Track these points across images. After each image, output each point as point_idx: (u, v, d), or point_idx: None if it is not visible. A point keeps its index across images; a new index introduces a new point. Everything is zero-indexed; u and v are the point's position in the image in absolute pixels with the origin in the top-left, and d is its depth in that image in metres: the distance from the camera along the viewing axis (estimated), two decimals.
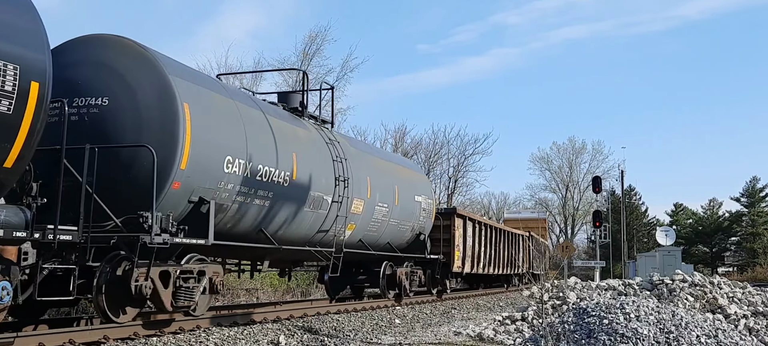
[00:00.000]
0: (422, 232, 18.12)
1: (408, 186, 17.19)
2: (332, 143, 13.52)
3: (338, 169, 13.27)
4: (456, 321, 14.47)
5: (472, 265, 22.57)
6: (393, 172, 16.71)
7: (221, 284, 10.27)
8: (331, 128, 14.77)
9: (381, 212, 15.36)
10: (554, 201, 74.20)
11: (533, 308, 14.08)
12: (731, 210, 67.83)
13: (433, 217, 18.90)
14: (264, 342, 9.51)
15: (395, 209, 16.12)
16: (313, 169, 12.39)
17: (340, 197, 13.26)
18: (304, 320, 12.18)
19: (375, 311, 14.66)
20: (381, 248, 16.18)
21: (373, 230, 15.33)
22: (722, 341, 8.86)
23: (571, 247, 27.63)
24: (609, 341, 8.70)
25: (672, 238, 43.23)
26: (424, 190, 18.58)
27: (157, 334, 9.15)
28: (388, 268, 16.83)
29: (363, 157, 15.20)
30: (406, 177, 17.53)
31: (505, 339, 11.35)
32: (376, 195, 15.09)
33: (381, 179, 15.52)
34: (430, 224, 18.74)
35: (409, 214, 17.12)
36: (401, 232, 16.96)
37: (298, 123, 13.03)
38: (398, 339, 10.92)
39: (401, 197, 16.46)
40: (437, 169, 48.14)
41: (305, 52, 35.70)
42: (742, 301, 14.53)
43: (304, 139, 12.70)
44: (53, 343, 7.95)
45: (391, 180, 16.18)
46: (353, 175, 13.88)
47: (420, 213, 17.83)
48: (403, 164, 18.95)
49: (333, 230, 13.26)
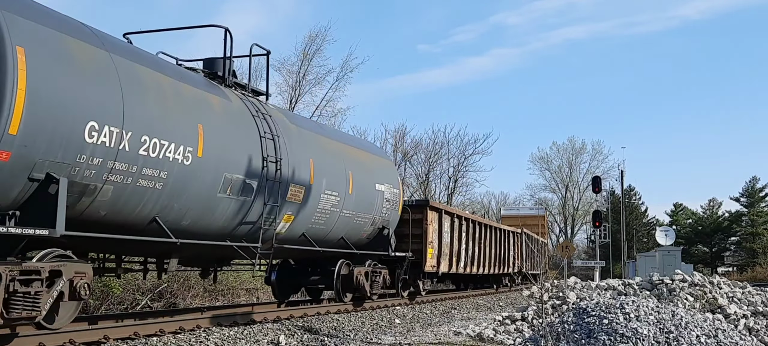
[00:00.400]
0: (386, 226, 15.77)
1: (366, 172, 14.77)
2: (262, 117, 11.19)
3: (268, 148, 10.95)
4: (456, 321, 14.47)
5: (451, 264, 20.18)
6: (346, 155, 14.13)
7: (86, 287, 7.96)
8: (266, 101, 12.60)
9: (329, 201, 13.00)
10: (554, 201, 74.24)
11: (533, 308, 14.09)
12: (731, 210, 68.00)
13: (399, 209, 16.51)
14: (264, 342, 9.52)
15: (349, 199, 13.73)
16: (228, 146, 10.00)
17: (271, 181, 10.94)
18: (304, 320, 12.18)
19: (375, 311, 14.66)
20: (334, 244, 13.97)
21: (320, 222, 13.01)
22: (722, 340, 8.87)
23: (571, 247, 27.53)
24: (609, 340, 8.70)
25: (672, 238, 43.28)
26: (387, 177, 16.01)
27: (158, 334, 9.16)
28: (344, 267, 14.59)
29: (305, 135, 12.80)
30: (363, 162, 14.97)
31: (505, 339, 11.36)
32: (322, 181, 12.72)
33: (329, 163, 13.16)
34: (395, 217, 16.37)
35: (369, 205, 14.72)
36: (358, 226, 14.60)
37: (212, 90, 10.45)
38: (398, 339, 10.93)
39: (357, 184, 14.06)
40: (437, 170, 48.22)
41: (305, 53, 35.75)
42: (742, 301, 14.54)
43: (219, 109, 10.16)
44: (53, 343, 7.95)
45: (344, 164, 13.72)
46: (290, 156, 11.66)
47: (382, 204, 15.36)
48: (361, 147, 16.03)
49: (262, 222, 11.06)
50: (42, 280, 7.44)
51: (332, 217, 13.31)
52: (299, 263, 15.36)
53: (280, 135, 11.46)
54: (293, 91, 35.76)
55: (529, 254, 32.69)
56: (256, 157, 10.70)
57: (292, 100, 35.54)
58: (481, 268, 23.87)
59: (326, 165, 12.99)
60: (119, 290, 16.04)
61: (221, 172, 9.78)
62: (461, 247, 21.17)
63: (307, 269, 15.24)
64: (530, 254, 33.23)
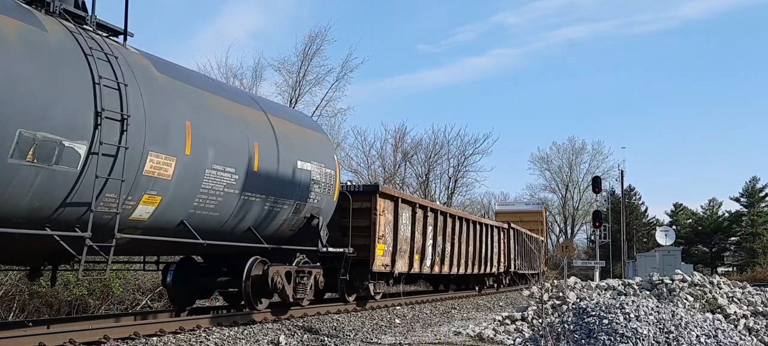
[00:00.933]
0: (316, 215, 12.75)
1: (283, 145, 11.72)
2: (104, 58, 8.26)
3: (106, 100, 7.99)
4: (456, 321, 14.48)
5: (410, 263, 16.91)
6: (250, 121, 11.02)
7: None
8: (125, 42, 9.42)
9: (221, 179, 9.97)
10: (554, 201, 74.23)
11: (533, 308, 14.10)
12: (731, 210, 68.02)
13: (336, 194, 13.41)
14: (264, 342, 9.53)
15: (254, 178, 10.70)
16: (30, 91, 7.20)
17: (111, 146, 8.04)
18: (304, 320, 12.19)
19: (375, 311, 14.67)
20: (238, 236, 11.03)
21: (209, 207, 9.91)
22: (722, 340, 8.88)
23: (571, 247, 27.51)
24: (609, 340, 8.71)
25: (672, 238, 43.31)
26: (317, 154, 12.80)
27: (158, 334, 9.17)
28: (257, 266, 11.69)
29: (180, 90, 9.54)
30: (280, 132, 11.83)
31: (505, 339, 11.37)
32: (207, 152, 9.63)
33: (220, 129, 10.07)
34: (330, 205, 13.30)
35: (288, 187, 11.72)
36: (274, 214, 11.58)
37: (12, 12, 7.48)
38: (398, 339, 10.94)
39: (267, 160, 11.09)
40: (437, 170, 48.22)
41: (305, 52, 35.72)
42: (742, 301, 14.55)
43: (15, 39, 7.24)
44: (53, 343, 7.96)
45: (245, 133, 10.67)
46: (151, 114, 8.68)
47: (310, 187, 12.34)
48: (277, 113, 12.43)
49: (103, 203, 8.16)
50: None
51: (228, 201, 10.24)
52: (209, 260, 12.74)
53: (130, 84, 8.45)
54: (293, 91, 35.78)
55: (520, 252, 29.95)
56: (85, 112, 7.80)
57: (292, 100, 35.56)
58: (455, 267, 20.67)
59: (215, 131, 9.90)
60: (119, 290, 16.06)
61: (14, 127, 7.01)
62: (427, 243, 18.00)
63: (221, 269, 12.41)
64: (522, 252, 30.54)
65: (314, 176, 12.48)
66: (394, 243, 15.83)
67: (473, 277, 24.17)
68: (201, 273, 12.65)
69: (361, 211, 14.78)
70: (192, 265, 12.67)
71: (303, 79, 35.79)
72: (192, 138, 9.36)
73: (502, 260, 26.79)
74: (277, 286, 11.79)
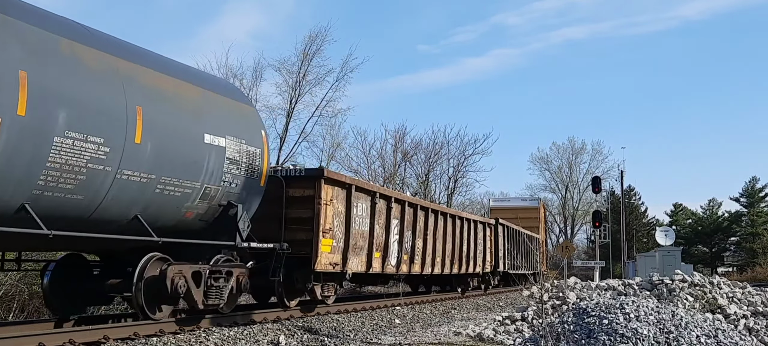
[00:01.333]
0: (235, 202, 10.47)
1: (183, 112, 9.49)
2: None
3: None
4: (456, 321, 14.48)
5: (369, 262, 14.56)
6: (129, 78, 8.65)
7: None
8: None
9: (83, 152, 7.83)
10: (554, 201, 74.24)
11: (533, 308, 14.11)
12: (731, 210, 68.02)
13: (263, 178, 11.19)
14: (264, 342, 9.53)
15: (136, 152, 8.53)
16: None
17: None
18: (304, 320, 12.19)
19: (375, 311, 14.66)
20: (120, 227, 8.85)
21: (65, 188, 7.78)
22: (722, 341, 8.88)
23: (571, 247, 27.47)
24: (609, 341, 8.71)
25: (671, 238, 43.28)
26: (235, 127, 10.49)
27: (158, 334, 9.17)
28: (153, 265, 9.43)
29: (13, 29, 7.29)
30: (178, 96, 9.48)
31: (505, 339, 11.38)
32: (57, 115, 7.52)
33: (79, 86, 7.88)
34: (254, 190, 11.04)
35: (190, 166, 9.43)
36: (168, 199, 9.28)
37: None
38: (398, 339, 10.94)
39: (157, 130, 8.88)
40: (437, 170, 48.21)
41: (305, 53, 35.72)
42: (742, 301, 14.56)
43: None
44: (53, 343, 7.96)
45: (120, 92, 8.41)
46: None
47: (222, 166, 10.03)
48: (175, 72, 9.85)
49: None
50: None
51: (96, 181, 8.09)
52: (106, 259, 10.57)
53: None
54: (293, 91, 35.79)
55: (511, 251, 28.09)
56: None
57: (292, 100, 35.60)
58: (429, 267, 18.38)
59: (69, 87, 7.74)
60: None
61: None
62: (391, 239, 15.56)
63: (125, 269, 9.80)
64: (514, 250, 28.84)
65: (230, 154, 10.22)
66: (346, 238, 13.49)
67: (454, 278, 22.05)
68: (91, 275, 10.33)
69: (302, 200, 12.52)
70: (80, 264, 10.32)
71: (303, 79, 35.81)
72: (29, 94, 7.16)
73: (489, 259, 24.72)
74: (178, 289, 9.44)
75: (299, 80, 35.75)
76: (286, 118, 35.87)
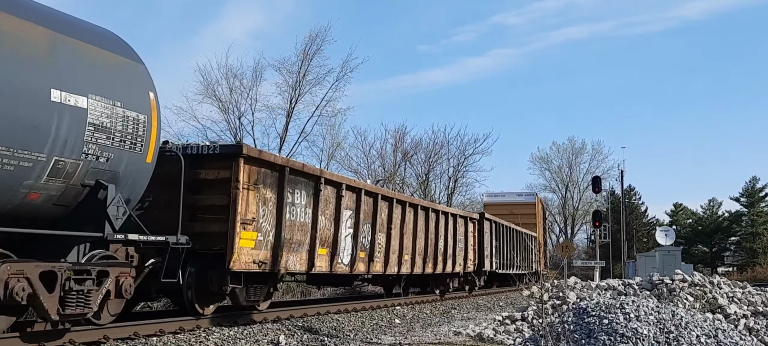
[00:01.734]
0: (106, 182, 7.80)
1: (14, 59, 6.78)
2: None
3: None
4: (456, 321, 14.48)
5: (311, 259, 12.31)
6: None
7: None
8: None
9: None
10: (554, 201, 74.24)
11: (533, 308, 14.11)
12: (731, 210, 68.11)
13: (151, 152, 8.38)
14: (264, 342, 9.53)
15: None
16: None
17: None
18: (304, 320, 12.18)
19: (375, 311, 14.66)
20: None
21: None
22: (722, 340, 8.88)
23: (571, 247, 27.47)
24: (609, 340, 8.71)
25: (672, 238, 43.30)
26: (105, 85, 7.76)
27: (158, 334, 9.17)
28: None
29: None
30: (13, 36, 6.81)
31: (505, 339, 11.38)
32: None
33: None
34: (137, 167, 8.21)
35: (29, 131, 6.83)
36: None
37: None
38: (398, 339, 10.94)
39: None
40: (437, 170, 48.22)
41: (305, 53, 35.70)
42: (742, 301, 14.56)
43: None
44: (53, 343, 7.95)
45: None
46: None
47: (82, 134, 7.39)
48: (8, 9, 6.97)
49: None
50: None
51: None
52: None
53: None
54: (293, 91, 35.76)
55: (501, 249, 26.00)
56: None
57: (292, 100, 35.57)
58: (395, 266, 16.18)
59: None
60: None
61: None
62: (342, 233, 13.39)
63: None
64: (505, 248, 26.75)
65: (96, 118, 7.56)
66: (276, 231, 11.17)
67: (431, 278, 19.89)
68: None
69: (216, 183, 10.26)
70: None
71: (303, 79, 35.79)
72: None
73: (471, 258, 22.25)
74: (15, 296, 6.87)
75: (299, 80, 35.75)
76: (286, 118, 35.89)
